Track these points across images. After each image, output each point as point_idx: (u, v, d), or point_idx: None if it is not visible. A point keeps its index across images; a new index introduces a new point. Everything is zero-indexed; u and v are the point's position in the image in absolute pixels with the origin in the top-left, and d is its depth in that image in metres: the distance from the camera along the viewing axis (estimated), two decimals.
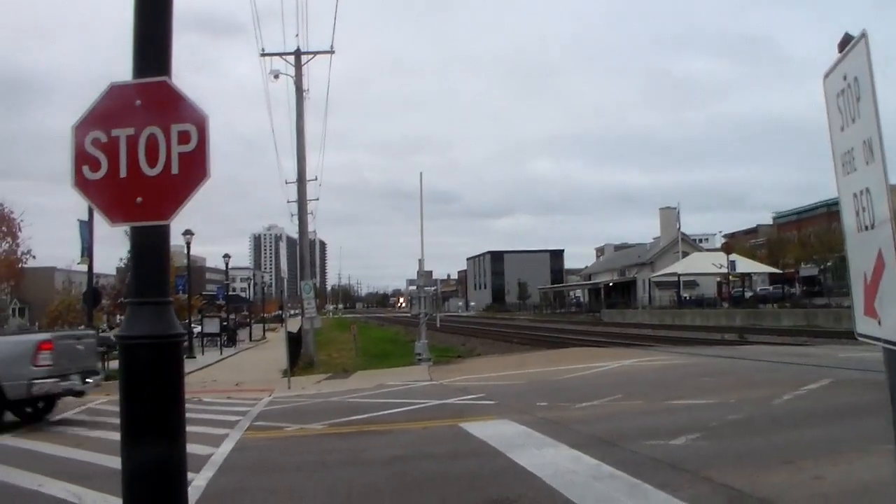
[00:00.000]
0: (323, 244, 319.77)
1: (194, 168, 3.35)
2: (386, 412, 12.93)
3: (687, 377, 16.00)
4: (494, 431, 10.13)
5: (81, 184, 3.42)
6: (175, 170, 3.34)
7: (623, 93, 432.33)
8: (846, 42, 3.14)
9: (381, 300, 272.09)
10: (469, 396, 14.55)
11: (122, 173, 3.37)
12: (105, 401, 17.13)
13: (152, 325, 3.25)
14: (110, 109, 3.41)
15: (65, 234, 67.35)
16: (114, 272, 64.07)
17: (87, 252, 22.25)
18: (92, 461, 9.37)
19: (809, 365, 16.94)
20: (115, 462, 8.97)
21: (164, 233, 3.41)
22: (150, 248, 3.36)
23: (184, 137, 3.34)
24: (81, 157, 3.41)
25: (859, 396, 11.75)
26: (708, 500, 6.25)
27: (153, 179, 3.34)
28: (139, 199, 3.34)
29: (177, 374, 3.39)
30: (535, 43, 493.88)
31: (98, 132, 3.40)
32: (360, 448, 9.80)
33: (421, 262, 26.25)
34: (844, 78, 3.14)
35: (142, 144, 3.35)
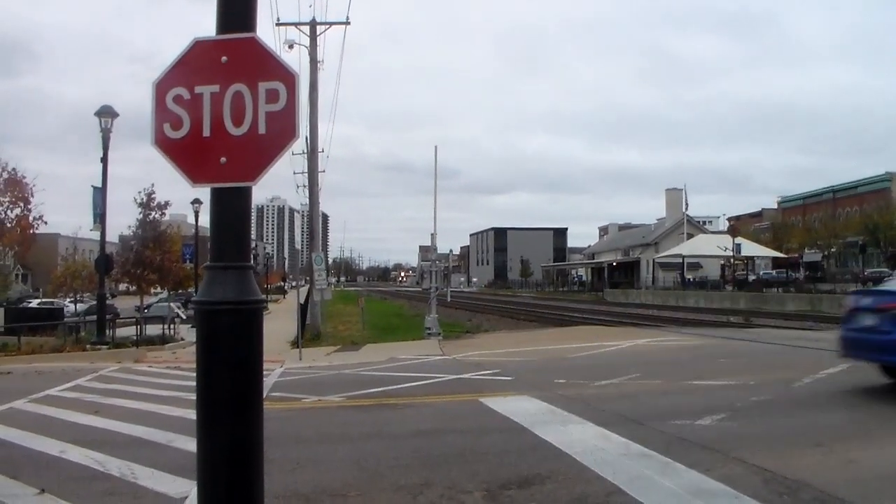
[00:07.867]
0: (325, 216, 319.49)
1: (282, 128, 3.21)
2: (402, 386, 12.88)
3: (702, 358, 15.95)
4: (516, 407, 10.08)
5: (162, 142, 3.28)
6: (262, 129, 3.21)
7: (623, 70, 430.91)
8: None
9: (383, 274, 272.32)
10: (484, 372, 14.49)
11: (206, 132, 3.23)
12: (116, 368, 17.13)
13: (234, 290, 3.14)
14: (194, 65, 3.27)
15: (66, 201, 67.28)
16: (116, 240, 63.94)
17: (100, 219, 22.20)
18: (112, 429, 9.31)
19: (823, 350, 16.83)
20: (135, 430, 9.04)
21: (247, 195, 3.28)
22: (233, 211, 3.23)
23: (272, 96, 3.21)
24: (162, 115, 3.27)
25: (880, 382, 11.70)
26: (742, 480, 6.18)
27: (238, 139, 3.21)
28: (223, 160, 3.21)
29: (258, 341, 3.29)
30: (535, 16, 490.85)
31: (181, 89, 3.26)
32: (383, 421, 9.75)
33: (433, 236, 26.13)
34: None
35: (227, 102, 3.21)
